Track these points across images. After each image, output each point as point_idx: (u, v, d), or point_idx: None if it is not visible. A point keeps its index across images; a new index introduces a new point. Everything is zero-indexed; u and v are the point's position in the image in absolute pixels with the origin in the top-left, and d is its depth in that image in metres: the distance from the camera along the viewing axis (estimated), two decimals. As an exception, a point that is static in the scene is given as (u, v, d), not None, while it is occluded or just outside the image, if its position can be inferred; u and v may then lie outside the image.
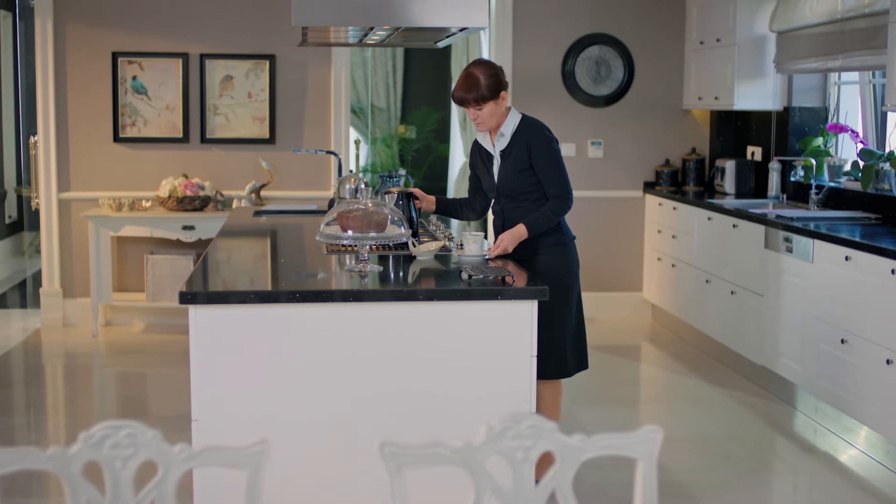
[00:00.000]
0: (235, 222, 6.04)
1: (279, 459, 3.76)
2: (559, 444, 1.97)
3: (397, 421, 3.81)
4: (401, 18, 4.52)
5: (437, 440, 1.95)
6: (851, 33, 6.47)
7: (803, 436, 5.83)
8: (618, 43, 8.60)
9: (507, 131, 4.71)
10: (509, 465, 1.97)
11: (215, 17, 8.24)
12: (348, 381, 3.80)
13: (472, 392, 3.87)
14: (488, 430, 1.94)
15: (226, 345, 3.74)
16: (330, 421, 3.80)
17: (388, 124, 11.59)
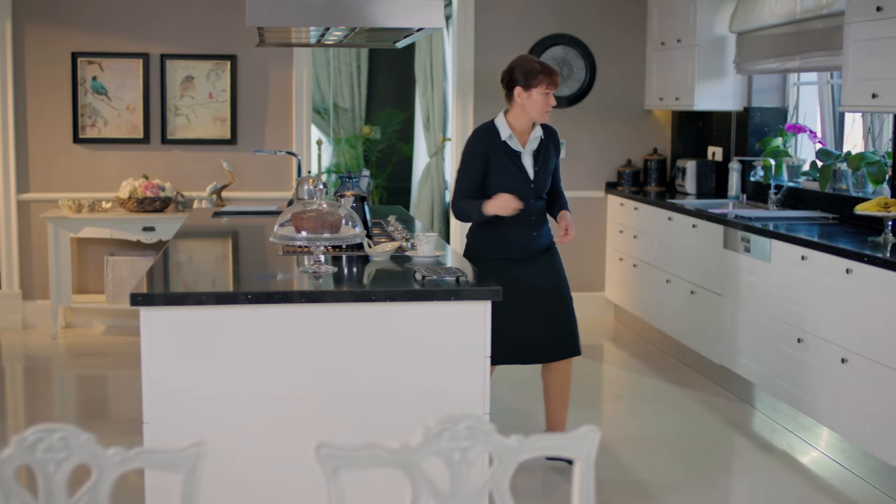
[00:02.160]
0: (193, 223, 6.01)
1: (234, 461, 3.75)
2: (496, 446, 1.96)
3: (351, 422, 3.80)
4: (356, 19, 4.51)
5: (373, 441, 1.94)
6: (809, 34, 6.50)
7: (761, 434, 5.86)
8: (580, 43, 8.62)
9: (538, 132, 5.06)
10: (447, 466, 1.97)
11: (176, 17, 8.20)
12: (301, 382, 3.79)
13: (427, 392, 3.86)
14: (425, 432, 1.93)
15: (177, 347, 3.72)
16: (284, 423, 3.79)
17: (352, 125, 11.56)
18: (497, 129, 5.02)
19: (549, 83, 4.93)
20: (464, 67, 8.51)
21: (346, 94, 11.52)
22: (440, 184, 10.80)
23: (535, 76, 4.92)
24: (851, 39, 5.51)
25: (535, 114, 4.97)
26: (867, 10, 5.35)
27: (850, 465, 5.25)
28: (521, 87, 4.94)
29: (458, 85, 8.57)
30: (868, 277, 4.92)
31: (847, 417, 5.11)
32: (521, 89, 4.94)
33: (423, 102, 10.94)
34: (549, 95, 4.94)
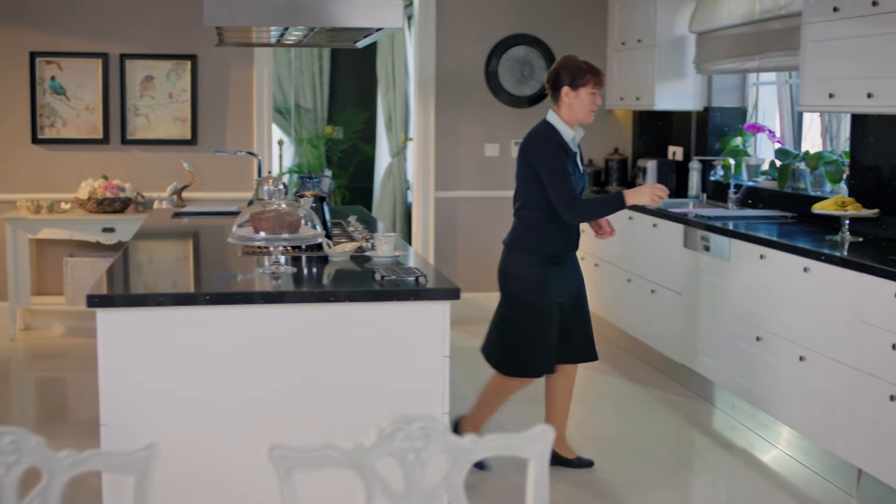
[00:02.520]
0: (153, 224, 5.98)
1: (193, 463, 3.73)
2: (450, 446, 1.96)
3: (311, 423, 3.79)
4: (316, 19, 4.50)
5: (327, 442, 1.94)
6: (768, 34, 6.55)
7: (721, 433, 5.89)
8: (541, 43, 8.63)
9: (581, 131, 5.08)
10: (400, 467, 1.96)
11: (135, 16, 8.15)
12: (260, 383, 3.77)
13: (387, 392, 3.86)
14: (379, 432, 1.93)
15: (135, 348, 3.70)
16: (243, 424, 3.77)
17: (314, 125, 11.53)
18: (557, 129, 4.99)
19: (596, 82, 4.96)
20: (425, 67, 8.51)
21: (308, 93, 11.49)
22: (402, 184, 10.79)
23: (583, 76, 4.94)
24: (809, 40, 5.55)
25: (583, 113, 4.98)
26: (824, 11, 5.38)
27: (808, 462, 5.29)
28: (568, 87, 4.94)
29: (419, 85, 8.57)
30: (825, 276, 4.96)
31: (805, 415, 5.14)
32: (569, 89, 4.94)
33: (384, 102, 10.93)
34: (596, 95, 4.98)
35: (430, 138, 8.57)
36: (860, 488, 4.86)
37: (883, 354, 4.51)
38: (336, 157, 11.50)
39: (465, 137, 8.63)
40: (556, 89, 5.00)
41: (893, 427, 4.46)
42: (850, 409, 4.77)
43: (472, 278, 8.71)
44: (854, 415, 4.74)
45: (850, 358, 4.76)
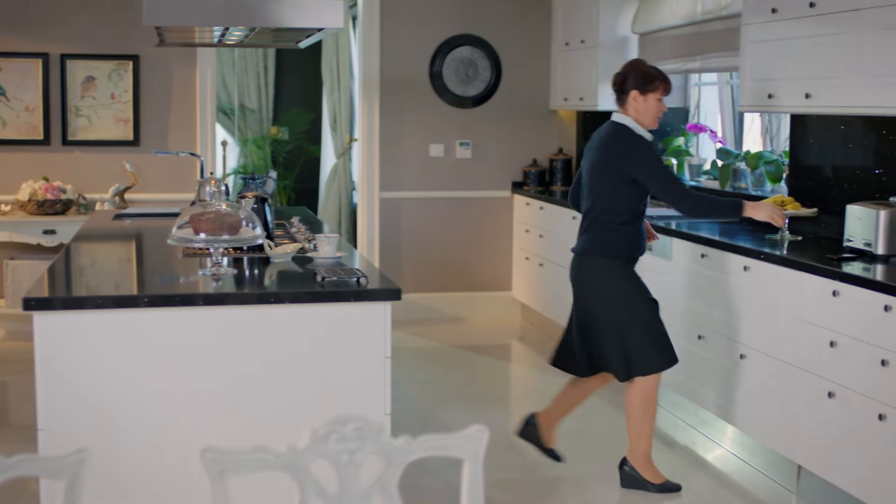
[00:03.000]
0: (93, 226, 5.92)
1: (132, 466, 3.70)
2: (384, 447, 1.96)
3: (252, 425, 3.77)
4: (256, 19, 4.48)
5: (260, 445, 1.93)
6: (709, 35, 6.60)
7: (664, 431, 5.93)
8: (485, 44, 8.65)
9: None
10: (334, 469, 1.96)
11: (76, 16, 8.07)
12: (200, 385, 3.75)
13: (329, 394, 3.85)
14: (312, 434, 1.92)
15: (71, 352, 3.66)
16: (183, 427, 3.74)
17: (259, 125, 11.48)
18: (632, 128, 4.92)
19: (665, 89, 4.89)
20: (369, 68, 8.50)
21: (253, 94, 11.44)
22: (347, 184, 10.77)
23: (653, 81, 4.87)
24: (748, 41, 5.60)
25: (649, 119, 4.91)
26: (763, 12, 5.44)
27: (750, 459, 5.34)
28: (637, 92, 4.87)
29: (363, 86, 8.56)
30: (765, 275, 5.01)
31: (746, 412, 5.19)
32: (638, 93, 4.87)
33: (329, 103, 10.90)
34: (662, 102, 4.90)
35: (375, 139, 8.56)
36: (800, 484, 4.91)
37: (821, 352, 4.56)
38: (281, 157, 11.46)
39: (410, 138, 8.62)
40: (623, 92, 4.93)
41: (832, 424, 4.51)
42: (789, 406, 4.82)
43: (416, 279, 8.72)
44: (793, 412, 4.79)
45: (789, 356, 4.81)
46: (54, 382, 3.66)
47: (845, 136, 5.52)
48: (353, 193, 10.61)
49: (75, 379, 3.67)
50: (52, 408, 3.67)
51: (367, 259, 4.69)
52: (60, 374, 3.66)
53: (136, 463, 3.71)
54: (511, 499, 4.91)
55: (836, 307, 4.47)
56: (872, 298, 4.23)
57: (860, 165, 5.40)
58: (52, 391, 3.67)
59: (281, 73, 11.57)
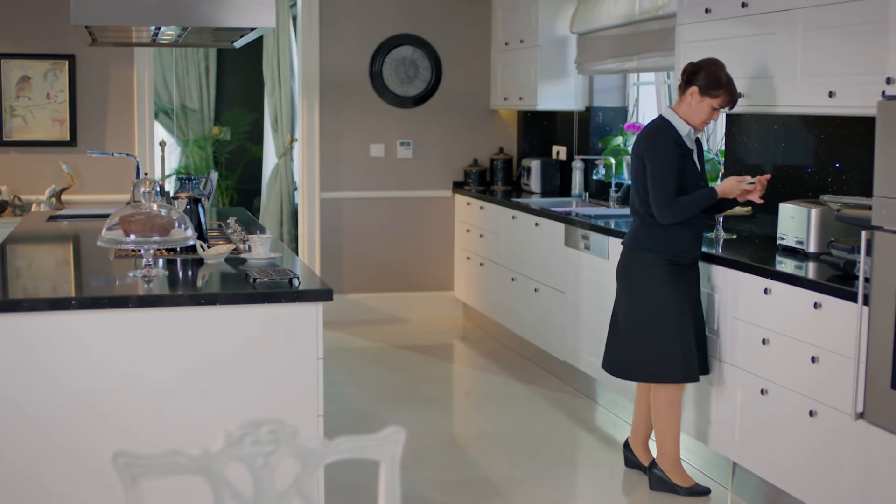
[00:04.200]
0: (26, 228, 5.84)
1: (57, 471, 3.65)
2: (300, 449, 1.94)
3: (181, 428, 3.73)
4: (186, 18, 4.44)
5: (174, 448, 1.91)
6: (645, 35, 6.63)
7: (604, 429, 5.95)
8: (425, 44, 8.64)
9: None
10: (249, 472, 1.94)
11: (10, 15, 7.96)
12: (129, 387, 3.70)
13: (261, 396, 3.82)
14: (226, 437, 1.91)
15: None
16: (109, 431, 3.70)
17: (201, 125, 11.40)
18: (673, 125, 4.84)
19: (726, 102, 4.78)
20: (309, 68, 8.47)
21: (194, 94, 11.36)
22: (289, 185, 10.73)
23: (718, 89, 4.75)
24: (682, 41, 5.63)
25: (698, 121, 4.82)
26: (696, 12, 5.47)
27: (685, 455, 5.36)
28: (698, 90, 4.77)
29: (303, 85, 8.52)
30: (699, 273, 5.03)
31: (682, 411, 5.21)
32: (698, 91, 4.77)
33: (271, 103, 10.85)
34: (717, 111, 4.81)
35: (315, 139, 8.52)
36: (735, 481, 4.94)
37: (754, 350, 4.60)
38: (223, 158, 11.40)
39: (351, 138, 8.60)
40: (687, 83, 4.81)
41: (764, 420, 4.54)
42: (723, 403, 4.85)
43: (358, 279, 8.70)
44: (727, 409, 4.82)
45: (724, 353, 4.84)
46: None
47: (779, 135, 5.57)
48: (295, 194, 10.56)
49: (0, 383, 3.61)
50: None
51: (299, 259, 4.66)
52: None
53: (62, 466, 3.66)
54: (449, 499, 4.91)
55: (768, 305, 4.50)
56: (803, 296, 4.27)
57: (794, 164, 5.45)
58: (-23, 396, 3.61)
59: (222, 73, 11.50)
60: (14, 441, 3.62)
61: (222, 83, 11.53)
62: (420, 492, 4.97)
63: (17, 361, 3.62)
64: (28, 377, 3.63)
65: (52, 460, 3.66)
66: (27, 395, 3.63)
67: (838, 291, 4.07)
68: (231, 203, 11.24)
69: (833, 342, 4.10)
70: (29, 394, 3.63)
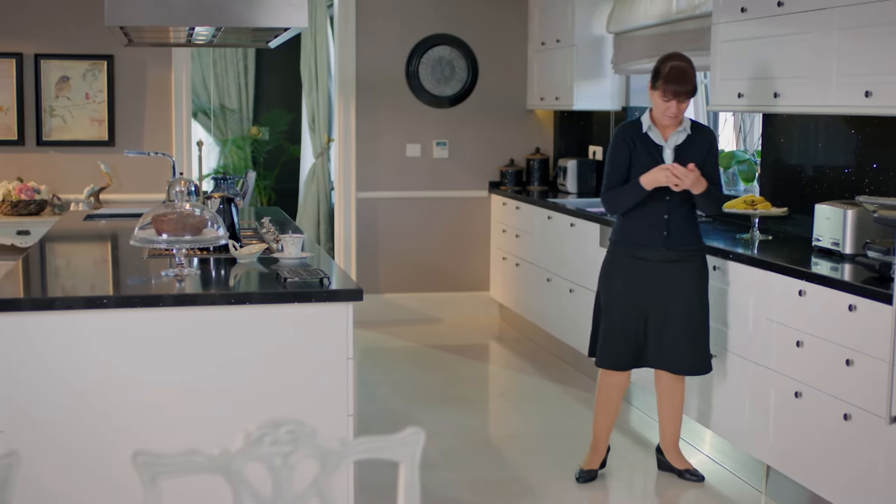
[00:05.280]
0: (63, 227, 5.89)
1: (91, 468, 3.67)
2: (319, 450, 1.94)
3: (212, 427, 3.75)
4: (219, 18, 4.45)
5: (193, 448, 1.91)
6: (681, 34, 6.59)
7: (637, 430, 5.92)
8: (462, 44, 8.64)
9: (686, 128, 4.90)
10: (268, 472, 1.94)
11: (50, 16, 8.03)
12: (161, 387, 3.72)
13: (290, 395, 3.82)
14: (245, 437, 1.91)
15: (29, 353, 3.63)
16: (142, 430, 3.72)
17: (240, 125, 11.46)
18: (641, 122, 4.89)
19: (666, 92, 4.74)
20: (346, 68, 8.48)
21: (233, 94, 11.42)
22: (326, 185, 10.75)
23: (657, 80, 4.79)
24: (718, 40, 5.60)
25: (657, 114, 4.83)
26: (732, 11, 5.43)
27: (720, 459, 5.34)
28: (650, 84, 4.84)
29: (340, 85, 8.54)
30: (734, 274, 5.00)
31: (716, 412, 5.18)
32: (650, 86, 4.84)
33: (308, 103, 10.88)
34: (671, 104, 4.75)
35: (352, 139, 8.54)
36: (769, 485, 4.91)
37: (788, 352, 4.56)
38: (262, 158, 11.44)
39: (387, 138, 8.61)
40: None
41: (799, 424, 4.50)
42: (758, 406, 4.81)
43: (393, 279, 8.71)
44: (762, 412, 4.78)
45: (757, 355, 4.80)
46: (12, 384, 3.63)
47: (815, 135, 5.52)
48: (332, 193, 10.59)
49: (34, 381, 3.64)
50: (11, 409, 3.64)
51: (331, 259, 4.66)
52: (19, 375, 3.63)
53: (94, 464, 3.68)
54: (481, 500, 4.90)
55: (803, 307, 4.46)
56: (838, 298, 4.22)
57: (830, 164, 5.40)
58: (10, 393, 3.64)
59: (261, 72, 11.55)
60: (46, 438, 3.65)
61: (261, 83, 11.58)
62: (452, 492, 4.96)
63: (51, 359, 3.65)
64: (62, 374, 3.66)
65: (84, 457, 3.68)
66: (61, 391, 3.66)
67: (873, 294, 4.03)
68: (269, 203, 11.28)
69: (868, 345, 4.06)
70: (62, 390, 3.66)
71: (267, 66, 11.51)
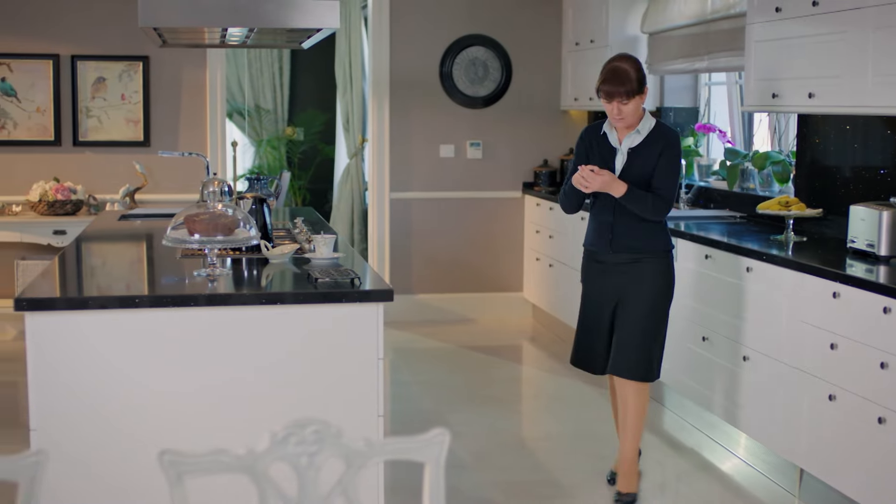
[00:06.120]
0: (98, 227, 5.94)
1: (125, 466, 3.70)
2: (344, 450, 1.94)
3: (242, 426, 3.76)
4: (251, 19, 4.47)
5: (219, 447, 1.92)
6: (716, 35, 6.56)
7: (670, 433, 5.90)
8: (495, 44, 8.63)
9: (643, 130, 4.71)
10: (294, 472, 1.95)
11: (86, 17, 8.09)
12: (191, 386, 3.74)
13: (321, 396, 3.83)
14: (271, 437, 1.91)
15: (62, 352, 3.66)
16: (173, 429, 3.74)
17: (275, 126, 11.50)
18: (603, 123, 4.81)
19: (602, 93, 4.65)
20: (379, 68, 8.50)
21: (268, 95, 11.46)
22: (360, 185, 10.77)
23: (598, 81, 4.70)
24: (752, 40, 5.56)
25: (609, 115, 4.72)
26: (767, 11, 5.40)
27: (753, 461, 5.30)
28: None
29: (374, 86, 8.55)
30: (767, 276, 4.97)
31: (749, 415, 5.15)
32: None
33: (342, 104, 10.90)
34: (613, 106, 4.62)
35: (385, 139, 8.55)
36: (802, 488, 4.87)
37: (822, 354, 4.52)
38: (296, 158, 11.48)
39: (420, 138, 8.61)
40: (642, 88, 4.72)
41: (832, 427, 4.47)
42: (791, 408, 4.78)
43: (427, 279, 8.71)
44: (795, 414, 4.75)
45: (790, 358, 4.77)
46: (46, 382, 3.67)
47: (851, 135, 5.48)
48: (366, 194, 10.61)
49: (67, 379, 3.67)
50: (44, 408, 3.67)
51: (363, 259, 4.67)
52: (52, 374, 3.66)
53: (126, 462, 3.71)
54: (512, 501, 4.89)
55: (837, 309, 4.42)
56: (872, 300, 4.19)
57: (865, 165, 5.35)
58: (43, 391, 3.67)
59: (296, 73, 11.59)
60: (78, 436, 3.68)
61: (296, 84, 11.62)
62: (483, 493, 4.96)
63: (84, 357, 3.67)
64: (95, 373, 3.68)
65: (115, 455, 3.71)
66: (94, 390, 3.68)
67: (908, 296, 3.99)
68: (303, 203, 11.32)
69: (902, 347, 4.02)
70: (95, 389, 3.68)
71: (302, 66, 11.55)
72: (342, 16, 10.38)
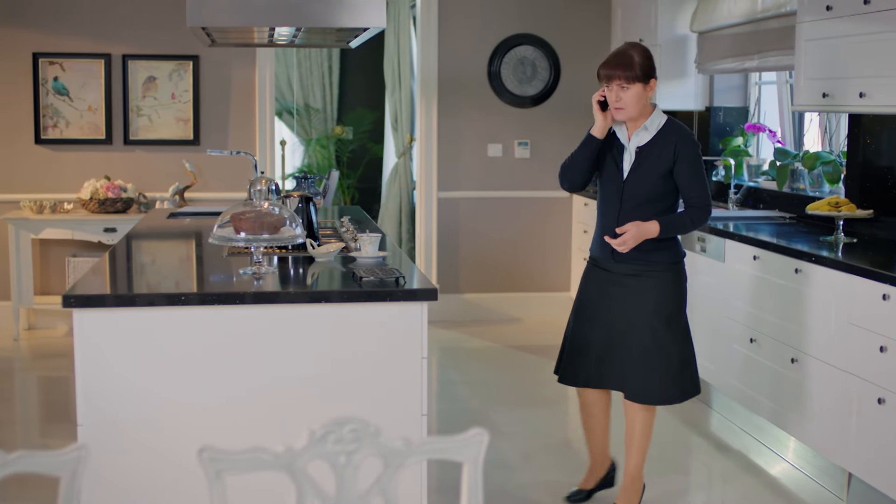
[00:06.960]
0: (147, 225, 5.99)
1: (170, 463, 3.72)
2: (382, 449, 1.95)
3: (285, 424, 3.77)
4: (299, 19, 4.49)
5: (258, 445, 1.92)
6: (766, 33, 6.51)
7: (718, 435, 5.85)
8: (544, 43, 8.61)
9: (651, 127, 4.39)
10: (332, 470, 1.95)
11: (137, 17, 8.17)
12: (234, 384, 3.76)
13: (364, 394, 3.84)
14: (310, 435, 1.92)
15: (110, 348, 3.70)
16: (216, 426, 3.76)
17: (324, 125, 11.54)
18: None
19: (603, 76, 4.36)
20: (428, 68, 8.50)
21: (317, 94, 11.50)
22: (408, 184, 10.78)
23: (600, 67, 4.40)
24: (803, 39, 5.51)
25: (609, 103, 4.40)
26: (818, 10, 5.34)
27: (800, 465, 5.25)
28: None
29: (422, 85, 8.56)
30: (815, 277, 4.92)
31: (796, 418, 5.10)
32: None
33: (391, 103, 10.92)
34: (613, 91, 4.32)
35: (433, 139, 8.56)
36: (850, 492, 4.82)
37: (871, 357, 4.47)
38: (345, 157, 11.51)
39: (468, 137, 8.61)
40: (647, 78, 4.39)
41: (882, 431, 4.41)
42: (839, 412, 4.73)
43: (474, 279, 8.71)
44: (843, 418, 4.69)
45: (839, 360, 4.72)
46: (93, 378, 3.71)
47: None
48: (414, 193, 10.62)
49: (113, 375, 3.71)
50: (91, 404, 3.71)
51: (408, 258, 4.68)
52: (99, 370, 3.70)
53: (170, 459, 3.73)
54: (557, 502, 4.87)
55: (887, 311, 4.37)
56: (922, 302, 4.14)
57: (918, 166, 5.29)
58: (91, 387, 3.71)
59: (345, 72, 11.62)
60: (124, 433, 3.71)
61: (345, 83, 11.65)
62: (529, 494, 4.95)
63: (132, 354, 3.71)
64: (142, 370, 3.71)
65: (161, 451, 3.74)
66: (140, 386, 3.71)
67: (959, 298, 3.93)
68: (352, 202, 11.35)
69: (953, 351, 3.96)
70: (142, 386, 3.72)
71: (351, 65, 11.58)
72: (391, 15, 10.41)
